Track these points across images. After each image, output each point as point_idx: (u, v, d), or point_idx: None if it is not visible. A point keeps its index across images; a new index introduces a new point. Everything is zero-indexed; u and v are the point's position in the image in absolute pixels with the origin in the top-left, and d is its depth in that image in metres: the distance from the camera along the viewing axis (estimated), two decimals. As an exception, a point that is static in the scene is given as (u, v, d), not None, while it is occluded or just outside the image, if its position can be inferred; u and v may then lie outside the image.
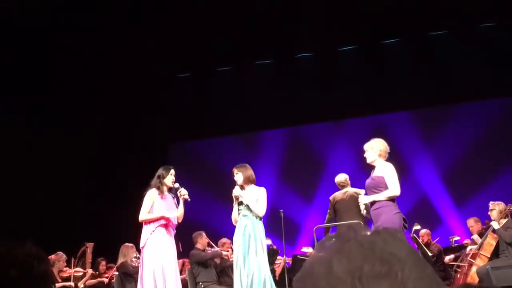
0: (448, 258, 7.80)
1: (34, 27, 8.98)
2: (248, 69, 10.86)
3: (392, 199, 4.87)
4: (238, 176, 5.42)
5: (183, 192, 5.40)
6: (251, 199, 5.31)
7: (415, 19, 9.50)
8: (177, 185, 5.45)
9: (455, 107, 10.31)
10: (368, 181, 5.04)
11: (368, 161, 5.10)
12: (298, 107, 10.42)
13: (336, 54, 10.67)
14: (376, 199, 4.86)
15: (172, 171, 5.45)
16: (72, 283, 7.50)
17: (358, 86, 10.26)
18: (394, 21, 9.56)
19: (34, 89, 9.60)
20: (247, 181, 5.41)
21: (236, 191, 5.39)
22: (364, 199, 5.03)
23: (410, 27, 9.84)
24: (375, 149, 5.02)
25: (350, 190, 6.58)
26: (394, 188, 4.83)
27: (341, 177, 6.75)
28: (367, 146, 5.09)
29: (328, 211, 6.67)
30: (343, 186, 6.68)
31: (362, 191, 6.31)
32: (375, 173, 5.00)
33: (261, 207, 5.30)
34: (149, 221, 5.29)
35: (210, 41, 9.76)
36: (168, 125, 10.98)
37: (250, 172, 5.47)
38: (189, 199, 5.40)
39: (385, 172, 4.90)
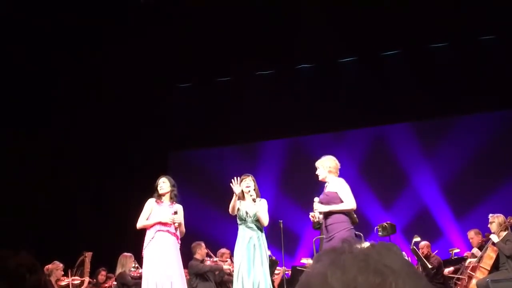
0: (447, 271, 7.76)
1: (32, 34, 9.02)
2: (249, 79, 10.90)
3: (346, 214, 4.95)
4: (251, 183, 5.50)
5: (175, 219, 5.45)
6: (259, 208, 5.37)
7: (415, 31, 9.55)
8: (173, 210, 5.54)
9: (455, 119, 10.32)
10: (321, 196, 5.11)
11: (319, 178, 5.21)
12: (298, 118, 10.44)
13: (336, 65, 10.71)
14: (333, 210, 4.93)
15: (159, 180, 5.64)
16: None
17: (358, 97, 10.28)
18: (394, 32, 9.61)
19: (34, 96, 9.61)
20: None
21: (237, 188, 5.44)
22: (320, 207, 5.02)
23: (410, 39, 9.89)
24: (325, 166, 5.13)
25: None
26: (349, 201, 4.94)
27: None
28: (318, 164, 5.23)
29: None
30: None
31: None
32: (327, 189, 5.11)
33: (266, 217, 5.35)
34: (146, 227, 5.42)
35: (211, 51, 9.81)
36: (169, 134, 11.01)
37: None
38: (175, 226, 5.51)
39: (338, 187, 5.03)
